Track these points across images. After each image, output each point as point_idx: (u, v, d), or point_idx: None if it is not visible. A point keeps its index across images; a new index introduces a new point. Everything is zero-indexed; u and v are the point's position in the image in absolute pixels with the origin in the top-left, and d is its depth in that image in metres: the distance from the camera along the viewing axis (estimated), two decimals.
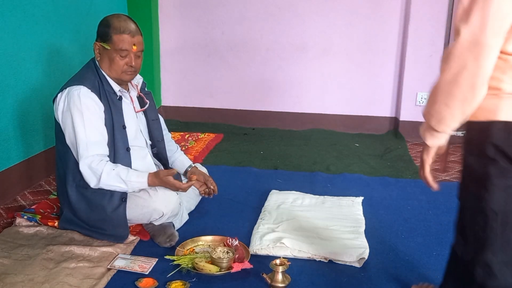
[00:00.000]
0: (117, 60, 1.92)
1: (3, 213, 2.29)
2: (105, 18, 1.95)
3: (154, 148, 2.21)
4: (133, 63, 1.95)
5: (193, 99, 4.36)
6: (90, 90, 1.91)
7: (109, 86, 1.98)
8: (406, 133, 3.96)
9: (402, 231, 2.19)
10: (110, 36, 1.90)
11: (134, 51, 1.94)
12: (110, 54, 1.93)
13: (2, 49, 2.37)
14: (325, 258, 1.89)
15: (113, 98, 1.98)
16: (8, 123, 2.46)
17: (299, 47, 4.07)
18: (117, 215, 1.94)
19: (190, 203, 2.30)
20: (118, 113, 1.98)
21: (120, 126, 1.98)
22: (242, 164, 3.18)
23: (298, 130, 4.15)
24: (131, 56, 1.94)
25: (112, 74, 1.97)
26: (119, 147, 1.96)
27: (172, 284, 1.67)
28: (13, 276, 1.70)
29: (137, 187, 1.92)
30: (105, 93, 1.95)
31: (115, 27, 1.89)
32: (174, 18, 4.18)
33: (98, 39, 1.95)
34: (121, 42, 1.90)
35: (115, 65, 1.94)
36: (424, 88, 3.90)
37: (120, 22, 1.91)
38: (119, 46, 1.90)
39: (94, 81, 1.94)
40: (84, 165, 1.86)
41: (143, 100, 2.16)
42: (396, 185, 2.81)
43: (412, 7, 3.76)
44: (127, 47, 1.91)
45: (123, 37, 1.90)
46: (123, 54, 1.92)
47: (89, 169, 1.86)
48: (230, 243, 1.88)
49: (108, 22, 1.91)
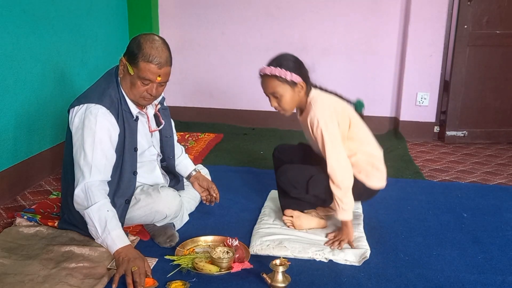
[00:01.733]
0: (138, 85, 1.83)
1: (3, 213, 2.29)
2: (139, 38, 1.82)
3: (164, 162, 2.19)
4: (154, 92, 1.86)
5: (193, 99, 4.36)
6: (109, 111, 1.83)
7: (127, 106, 1.91)
8: (406, 133, 3.97)
9: (402, 231, 2.19)
10: (137, 61, 1.79)
11: (157, 82, 1.84)
12: (132, 78, 1.84)
13: (2, 49, 2.37)
14: (325, 258, 1.89)
15: (129, 118, 1.91)
16: (8, 123, 2.46)
17: (299, 47, 4.06)
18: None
19: (191, 203, 2.30)
20: (132, 135, 1.92)
21: (131, 149, 1.92)
22: (242, 164, 3.18)
23: (298, 130, 4.13)
24: (153, 85, 1.84)
25: (130, 96, 1.90)
26: (126, 170, 1.92)
27: (172, 284, 1.67)
28: (13, 276, 1.70)
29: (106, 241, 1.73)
30: (122, 113, 1.88)
31: (145, 54, 1.78)
32: (174, 18, 4.18)
33: (126, 56, 1.84)
34: (146, 71, 1.79)
35: (135, 90, 1.85)
36: (424, 88, 3.90)
37: (152, 49, 1.78)
38: (143, 75, 1.80)
39: (114, 99, 1.86)
40: (81, 188, 1.77)
41: (159, 119, 2.10)
42: (396, 185, 2.81)
43: (412, 7, 3.77)
44: (151, 77, 1.81)
45: (149, 66, 1.79)
46: (145, 82, 1.82)
47: (85, 192, 1.77)
48: (230, 243, 1.88)
49: (141, 45, 1.79)
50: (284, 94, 1.97)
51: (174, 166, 2.22)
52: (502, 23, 3.69)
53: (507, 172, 3.16)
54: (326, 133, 1.94)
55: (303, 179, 2.04)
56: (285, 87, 1.97)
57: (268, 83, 2.00)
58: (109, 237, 1.72)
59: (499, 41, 3.72)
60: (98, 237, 1.75)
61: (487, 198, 2.62)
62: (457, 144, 3.90)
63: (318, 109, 1.96)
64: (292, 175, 2.07)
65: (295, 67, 1.98)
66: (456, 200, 2.60)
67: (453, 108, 3.86)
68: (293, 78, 1.95)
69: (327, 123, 1.95)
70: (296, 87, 1.98)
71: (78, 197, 1.79)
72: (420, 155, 3.53)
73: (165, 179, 2.20)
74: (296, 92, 1.99)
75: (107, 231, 1.72)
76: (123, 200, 1.91)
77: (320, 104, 1.98)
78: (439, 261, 1.92)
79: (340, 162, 1.95)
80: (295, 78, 1.96)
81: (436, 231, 2.20)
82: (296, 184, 2.06)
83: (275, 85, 1.97)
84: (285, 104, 2.00)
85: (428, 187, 2.80)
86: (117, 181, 1.90)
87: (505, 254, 2.00)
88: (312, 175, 2.04)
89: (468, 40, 3.71)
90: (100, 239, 1.75)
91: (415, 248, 2.03)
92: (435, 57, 3.83)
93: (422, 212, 2.41)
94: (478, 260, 1.94)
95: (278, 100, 2.00)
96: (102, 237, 1.74)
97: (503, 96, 3.84)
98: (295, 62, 2.00)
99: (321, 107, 1.97)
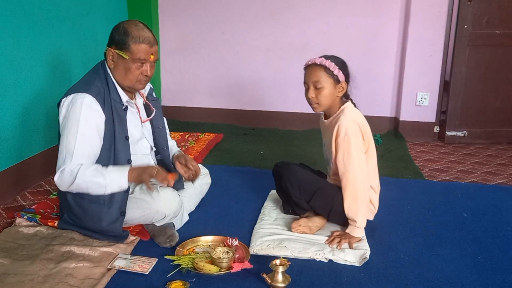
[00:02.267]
0: (134, 69, 1.90)
1: (3, 213, 2.29)
2: (122, 25, 1.90)
3: (158, 155, 2.19)
4: (149, 72, 1.93)
5: (193, 99, 4.36)
6: (94, 99, 1.86)
7: (117, 95, 1.94)
8: (406, 133, 3.97)
9: (402, 231, 2.19)
10: (128, 45, 1.86)
11: (150, 61, 1.92)
12: (126, 63, 1.89)
13: (2, 49, 2.37)
14: (325, 258, 1.89)
15: (118, 107, 1.93)
16: (8, 123, 2.46)
17: (299, 47, 4.07)
18: (114, 228, 1.92)
19: (190, 203, 2.30)
20: (122, 124, 1.94)
21: (122, 137, 1.94)
22: (242, 164, 3.18)
23: (298, 130, 4.15)
24: (147, 65, 1.91)
25: (126, 83, 1.94)
26: (121, 159, 1.93)
27: (172, 284, 1.67)
28: (13, 276, 1.70)
29: (116, 182, 1.82)
30: (110, 102, 1.91)
31: (134, 36, 1.86)
32: (174, 18, 4.18)
33: (113, 46, 1.90)
34: (140, 52, 1.87)
35: (130, 74, 1.91)
36: (424, 88, 3.90)
37: (138, 31, 1.87)
38: (137, 56, 1.87)
39: (100, 89, 1.89)
40: (61, 171, 1.80)
41: (149, 108, 2.13)
42: (396, 185, 2.81)
43: (412, 7, 3.77)
44: (145, 57, 1.88)
45: (141, 46, 1.87)
46: (140, 63, 1.89)
47: (65, 172, 1.79)
48: (230, 243, 1.88)
49: (127, 30, 1.87)
50: (326, 87, 2.00)
51: (169, 157, 2.22)
52: (502, 23, 3.69)
53: (507, 172, 3.16)
54: (353, 143, 1.96)
55: (312, 187, 2.06)
56: (329, 80, 2.00)
57: (314, 72, 2.02)
58: (111, 175, 1.80)
59: (499, 41, 3.72)
60: (104, 186, 1.80)
61: (487, 198, 2.62)
62: (457, 144, 3.90)
63: (351, 120, 1.99)
64: (304, 179, 2.08)
65: (343, 67, 2.02)
66: (456, 200, 2.60)
67: (453, 108, 3.86)
68: (339, 75, 2.00)
69: (356, 135, 1.97)
70: (338, 85, 2.02)
71: (60, 179, 1.81)
72: (420, 155, 3.53)
73: None
74: (336, 90, 2.02)
75: (106, 175, 1.79)
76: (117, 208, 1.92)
77: (354, 116, 2.02)
78: (439, 261, 1.92)
79: (363, 172, 1.98)
80: (341, 76, 2.00)
81: (436, 231, 2.20)
82: (303, 190, 2.07)
83: (321, 75, 2.00)
84: (322, 97, 2.02)
85: (428, 187, 2.80)
86: None
87: (505, 254, 2.00)
88: (321, 186, 2.06)
89: (468, 40, 3.71)
90: (108, 187, 1.81)
91: (415, 248, 2.03)
92: (435, 57, 3.83)
93: (422, 212, 2.41)
94: (478, 260, 1.94)
95: (318, 91, 2.02)
96: (106, 183, 1.80)
97: (503, 96, 3.84)
98: (342, 64, 2.04)
99: (355, 119, 2.00)
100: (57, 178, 1.83)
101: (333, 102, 2.06)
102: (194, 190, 2.35)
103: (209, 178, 2.48)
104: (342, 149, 1.99)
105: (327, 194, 2.05)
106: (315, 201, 2.06)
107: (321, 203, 2.06)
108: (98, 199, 1.87)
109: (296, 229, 2.08)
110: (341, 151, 1.99)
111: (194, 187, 2.36)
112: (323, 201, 2.05)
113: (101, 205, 1.89)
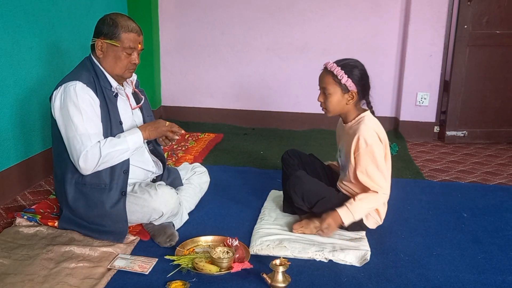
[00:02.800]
0: (123, 57, 1.97)
1: (3, 213, 2.29)
2: (109, 17, 1.98)
3: (150, 144, 2.22)
4: (137, 60, 2.01)
5: (193, 99, 4.36)
6: (85, 85, 1.92)
7: (106, 82, 2.00)
8: (406, 133, 3.97)
9: (402, 231, 2.19)
10: (118, 34, 1.95)
11: (138, 49, 2.01)
12: (116, 52, 1.96)
13: (2, 49, 2.37)
14: (325, 258, 1.89)
15: (109, 94, 2.00)
16: (8, 123, 2.46)
17: (299, 47, 4.07)
18: (117, 210, 1.94)
19: (190, 202, 2.30)
20: (114, 109, 2.00)
21: (117, 122, 1.99)
22: (242, 164, 3.18)
23: (298, 130, 4.15)
24: (135, 54, 2.00)
25: (116, 71, 2.00)
26: None
27: (172, 284, 1.67)
28: (13, 276, 1.70)
29: (136, 141, 1.95)
30: (101, 88, 1.97)
31: (123, 26, 1.95)
32: (174, 18, 4.18)
33: (102, 36, 1.97)
34: (130, 40, 1.96)
35: (120, 63, 1.98)
36: (424, 88, 3.90)
37: (126, 21, 1.98)
38: (127, 44, 1.96)
39: (89, 77, 1.96)
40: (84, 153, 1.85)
41: (138, 97, 2.18)
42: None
43: (412, 7, 3.77)
44: (134, 45, 1.98)
45: (130, 35, 1.96)
46: (129, 52, 1.98)
47: (88, 153, 1.85)
48: (230, 243, 1.88)
49: (115, 21, 1.96)
50: (333, 94, 1.99)
51: (159, 145, 2.25)
52: (502, 23, 3.69)
53: (507, 172, 3.16)
54: (377, 153, 1.95)
55: (316, 197, 2.05)
56: (337, 88, 1.98)
57: (324, 77, 2.01)
58: (128, 139, 1.92)
59: (499, 41, 3.72)
60: (127, 149, 1.92)
61: (487, 198, 2.63)
62: (457, 144, 3.90)
63: (372, 128, 1.97)
64: (308, 189, 2.06)
65: (357, 76, 1.97)
66: (456, 200, 2.60)
67: (453, 108, 3.86)
68: (348, 83, 1.95)
69: (378, 144, 1.96)
70: (347, 94, 1.98)
71: (86, 162, 1.86)
72: (420, 155, 3.53)
73: (157, 166, 2.21)
74: (345, 99, 1.99)
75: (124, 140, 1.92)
76: (121, 171, 1.96)
77: (373, 124, 2.00)
78: (439, 261, 1.92)
79: (388, 182, 2.01)
80: (350, 85, 1.96)
81: (436, 231, 2.20)
82: (306, 198, 2.06)
83: (328, 82, 1.99)
84: (329, 104, 2.01)
85: (428, 187, 2.80)
86: None
87: (505, 254, 2.00)
88: (325, 196, 2.05)
89: (468, 40, 3.71)
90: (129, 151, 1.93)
91: (415, 248, 2.03)
92: (435, 57, 3.83)
93: (422, 212, 2.41)
94: (478, 260, 1.94)
95: (325, 97, 2.01)
96: (129, 147, 1.92)
97: (503, 96, 3.84)
98: (360, 72, 1.98)
99: (375, 127, 1.99)
100: (82, 163, 1.86)
101: (346, 109, 2.03)
102: (194, 189, 2.35)
103: (208, 177, 2.48)
104: (365, 160, 1.96)
105: (330, 203, 2.03)
106: (317, 209, 2.05)
107: (323, 211, 2.04)
108: (99, 183, 1.93)
109: (298, 230, 2.08)
110: (363, 162, 1.96)
111: (194, 186, 2.36)
112: (326, 209, 2.03)
113: (102, 189, 1.94)
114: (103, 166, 1.90)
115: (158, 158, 2.25)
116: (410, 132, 3.98)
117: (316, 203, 2.04)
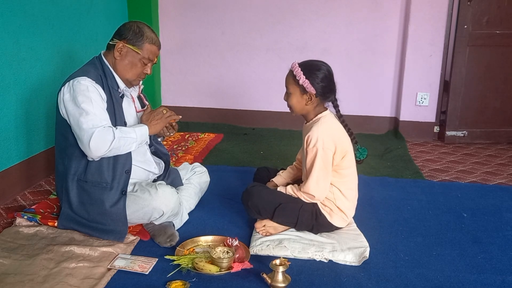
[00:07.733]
0: (139, 66, 2.01)
1: (3, 213, 2.29)
2: (136, 24, 2.01)
3: (152, 146, 2.22)
4: (149, 71, 2.06)
5: (193, 99, 4.36)
6: (94, 81, 1.93)
7: (114, 82, 2.01)
8: (406, 133, 3.97)
9: (402, 231, 2.19)
10: (142, 43, 1.98)
11: (154, 62, 2.06)
12: (134, 58, 1.99)
13: (2, 49, 2.37)
14: (325, 258, 1.89)
15: (116, 94, 2.01)
16: (9, 123, 2.46)
17: (299, 47, 4.07)
18: (116, 209, 1.94)
19: (190, 202, 2.30)
20: (120, 109, 2.01)
21: (121, 122, 2.00)
22: (242, 164, 3.18)
23: (298, 130, 4.14)
24: (150, 65, 2.05)
25: (127, 76, 2.02)
26: None
27: (172, 284, 1.67)
28: (13, 276, 1.70)
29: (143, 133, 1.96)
30: (108, 87, 1.99)
31: (148, 37, 1.99)
32: (174, 18, 4.18)
33: (125, 40, 1.98)
34: (151, 52, 2.01)
35: (135, 69, 2.01)
36: (424, 88, 3.90)
37: (151, 33, 2.02)
38: (147, 55, 2.00)
39: (97, 75, 1.97)
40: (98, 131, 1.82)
41: (142, 101, 2.18)
42: (396, 185, 2.81)
43: (412, 7, 3.77)
44: (153, 57, 2.03)
45: (153, 48, 2.01)
46: (146, 62, 2.01)
47: (103, 131, 1.83)
48: (230, 243, 1.88)
49: (141, 30, 1.99)
50: (293, 94, 2.02)
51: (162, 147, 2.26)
52: (502, 23, 3.69)
53: (507, 172, 3.16)
54: (319, 157, 1.94)
55: (271, 205, 2.02)
56: (296, 88, 2.00)
57: (287, 77, 2.06)
58: (136, 130, 1.93)
59: (499, 41, 3.72)
60: (135, 140, 1.92)
61: (487, 198, 2.63)
62: (457, 144, 3.90)
63: (322, 130, 1.96)
64: (260, 201, 2.04)
65: (318, 79, 1.96)
66: (456, 200, 2.60)
67: (453, 108, 3.86)
68: (306, 85, 1.95)
69: (324, 147, 1.94)
70: (305, 95, 1.99)
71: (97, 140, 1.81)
72: (420, 155, 3.53)
73: (158, 167, 2.21)
74: (303, 99, 2.00)
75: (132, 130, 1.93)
76: (123, 171, 1.96)
77: (325, 126, 1.98)
78: (439, 261, 1.92)
79: (319, 186, 1.98)
80: (308, 86, 1.96)
81: (436, 231, 2.20)
82: (262, 210, 2.04)
83: (289, 82, 2.04)
84: (290, 102, 2.05)
85: (428, 187, 2.80)
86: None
87: (505, 254, 2.00)
88: (281, 202, 2.02)
89: (468, 40, 3.71)
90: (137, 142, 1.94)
91: (415, 248, 2.03)
92: (435, 57, 3.83)
93: (422, 212, 2.41)
94: (478, 260, 1.94)
95: (288, 96, 2.05)
96: (137, 137, 1.93)
97: (503, 96, 3.84)
98: (322, 74, 1.97)
99: (326, 130, 1.97)
100: (93, 144, 1.81)
101: (306, 110, 2.03)
102: (194, 189, 2.35)
103: (208, 177, 2.48)
104: (309, 158, 1.97)
105: (289, 209, 2.01)
106: (277, 218, 2.03)
107: (285, 218, 2.03)
108: (100, 182, 1.93)
109: (260, 229, 2.05)
110: (309, 160, 1.98)
111: (194, 186, 2.36)
112: (287, 216, 2.02)
113: (103, 188, 1.94)
114: (113, 152, 1.87)
115: (161, 158, 2.25)
116: (410, 132, 3.98)
117: (275, 212, 2.01)
